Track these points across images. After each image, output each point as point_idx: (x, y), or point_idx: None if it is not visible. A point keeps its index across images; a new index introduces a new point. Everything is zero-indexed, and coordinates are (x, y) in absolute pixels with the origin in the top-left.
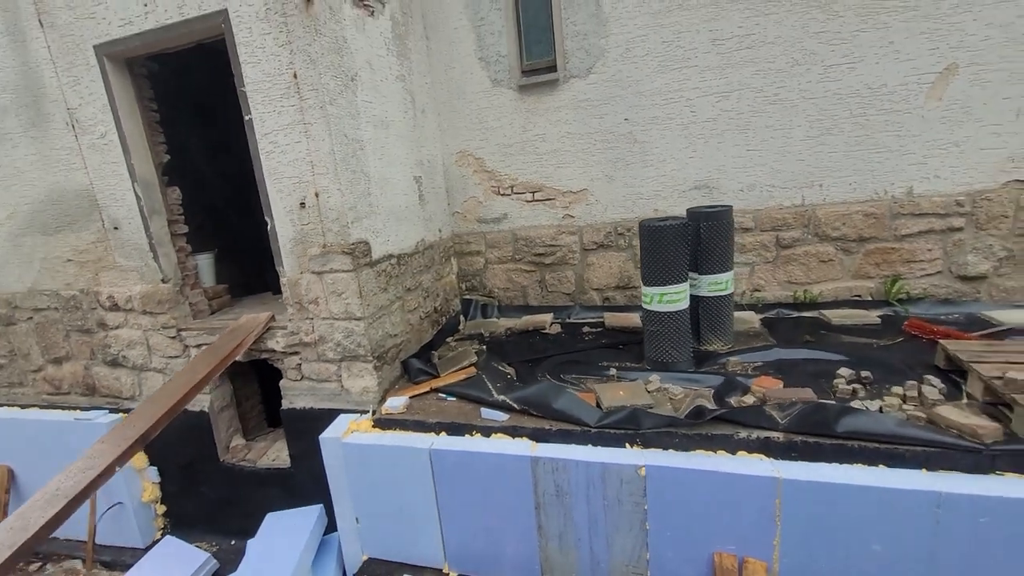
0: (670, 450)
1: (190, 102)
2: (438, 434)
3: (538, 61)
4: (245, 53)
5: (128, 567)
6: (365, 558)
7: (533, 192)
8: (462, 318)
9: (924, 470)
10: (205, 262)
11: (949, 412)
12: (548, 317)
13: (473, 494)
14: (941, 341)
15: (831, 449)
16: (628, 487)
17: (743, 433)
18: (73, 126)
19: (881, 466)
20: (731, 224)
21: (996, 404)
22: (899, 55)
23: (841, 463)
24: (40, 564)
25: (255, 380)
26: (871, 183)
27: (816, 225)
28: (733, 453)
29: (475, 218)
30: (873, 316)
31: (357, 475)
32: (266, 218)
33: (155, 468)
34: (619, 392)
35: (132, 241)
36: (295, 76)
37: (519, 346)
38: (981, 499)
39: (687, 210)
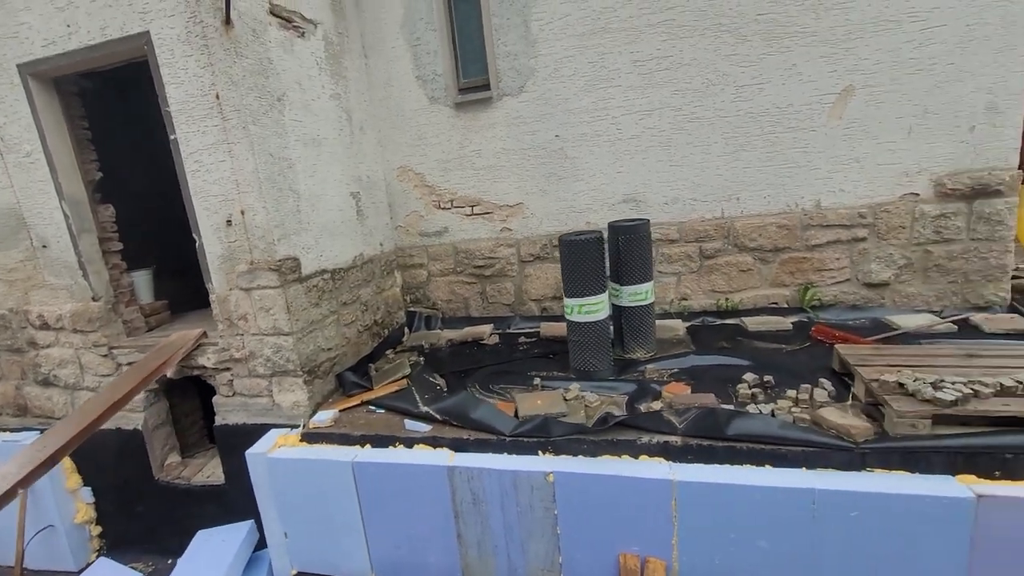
0: (579, 456)
1: (131, 118)
2: (363, 447)
3: (473, 80)
4: (168, 74)
5: None
6: (294, 572)
7: (472, 206)
8: (407, 330)
9: (804, 468)
10: (142, 279)
11: (830, 413)
12: (488, 328)
13: (396, 505)
14: (836, 346)
15: (723, 451)
16: (539, 493)
17: (645, 438)
18: None
19: (767, 466)
20: (648, 237)
21: (875, 405)
22: (802, 77)
23: (732, 464)
24: None
25: (195, 396)
26: (783, 196)
27: (735, 236)
28: (636, 457)
29: (417, 232)
30: (787, 323)
31: (284, 490)
32: (194, 235)
33: (89, 489)
34: (537, 401)
35: (61, 259)
36: (217, 97)
37: (456, 357)
38: (851, 494)
39: (608, 224)
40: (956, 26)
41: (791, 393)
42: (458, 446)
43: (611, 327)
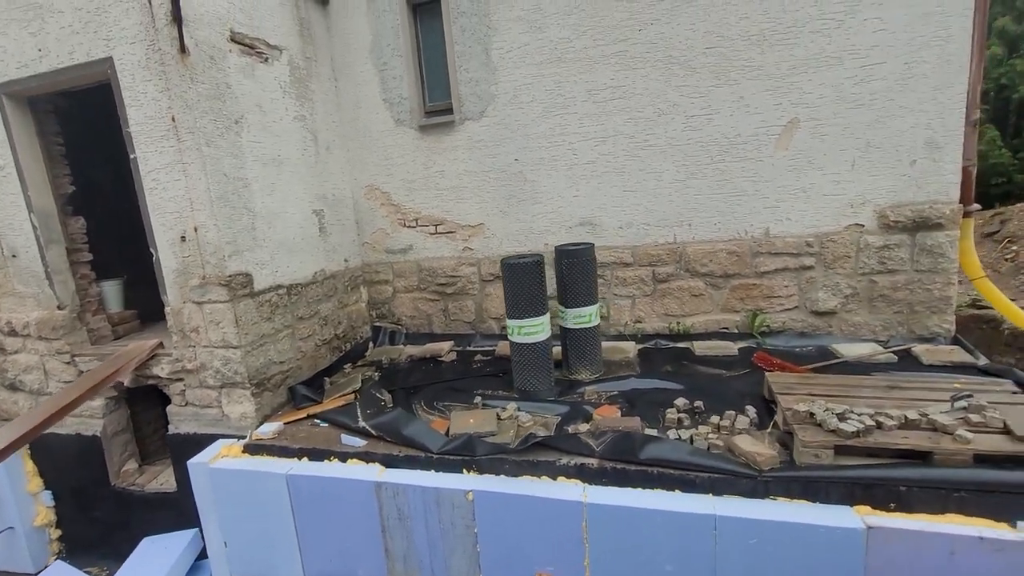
0: (501, 475)
1: (109, 133)
2: (300, 459)
3: (437, 104)
4: (129, 97)
5: None
6: None
7: (436, 225)
8: (371, 344)
9: (711, 494)
10: (112, 289)
11: (742, 440)
12: (447, 345)
13: (329, 518)
14: (767, 373)
15: (636, 475)
16: (459, 511)
17: (564, 460)
18: None
19: (677, 491)
20: (592, 261)
21: (790, 433)
22: (749, 109)
23: (645, 488)
24: None
25: (158, 405)
26: (733, 223)
27: (687, 261)
28: (555, 478)
29: (383, 249)
30: (734, 348)
31: (224, 500)
32: (151, 249)
33: (49, 492)
34: (470, 420)
35: (29, 269)
36: (173, 120)
37: (412, 373)
38: (750, 522)
39: (555, 247)
40: (895, 64)
41: (715, 419)
42: (389, 462)
43: (554, 349)
